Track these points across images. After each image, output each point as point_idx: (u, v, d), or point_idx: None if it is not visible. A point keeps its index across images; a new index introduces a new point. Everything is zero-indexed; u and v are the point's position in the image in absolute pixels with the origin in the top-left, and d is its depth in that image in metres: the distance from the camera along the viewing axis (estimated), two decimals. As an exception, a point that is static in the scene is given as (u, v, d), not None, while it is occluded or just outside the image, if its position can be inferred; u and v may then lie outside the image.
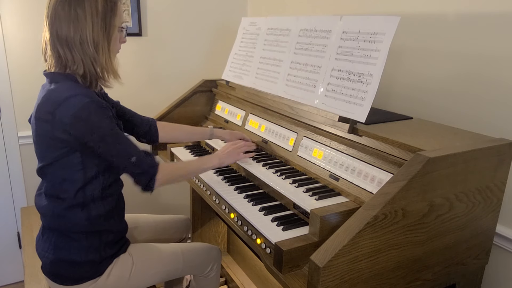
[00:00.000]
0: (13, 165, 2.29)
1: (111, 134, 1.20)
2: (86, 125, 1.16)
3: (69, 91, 1.17)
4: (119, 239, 1.39)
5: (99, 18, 1.20)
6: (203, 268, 1.60)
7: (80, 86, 1.22)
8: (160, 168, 1.29)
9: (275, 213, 1.26)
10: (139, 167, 1.25)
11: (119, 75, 1.31)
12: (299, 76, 1.54)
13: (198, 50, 2.63)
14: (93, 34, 1.20)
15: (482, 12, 1.40)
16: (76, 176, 1.24)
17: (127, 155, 1.23)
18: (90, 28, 1.19)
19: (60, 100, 1.15)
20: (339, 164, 1.33)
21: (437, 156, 0.99)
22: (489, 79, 1.40)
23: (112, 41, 1.26)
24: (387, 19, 1.25)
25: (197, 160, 1.44)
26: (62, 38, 1.19)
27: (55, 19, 1.18)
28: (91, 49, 1.21)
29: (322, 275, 0.89)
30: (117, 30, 1.26)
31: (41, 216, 1.33)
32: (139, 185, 1.29)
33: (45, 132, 1.20)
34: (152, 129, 1.62)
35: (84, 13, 1.18)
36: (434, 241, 1.10)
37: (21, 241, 2.37)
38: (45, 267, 1.33)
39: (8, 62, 2.16)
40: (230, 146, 1.47)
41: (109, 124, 1.20)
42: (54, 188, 1.28)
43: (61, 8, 1.18)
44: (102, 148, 1.20)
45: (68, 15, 1.18)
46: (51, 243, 1.30)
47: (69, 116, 1.14)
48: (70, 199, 1.26)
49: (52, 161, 1.24)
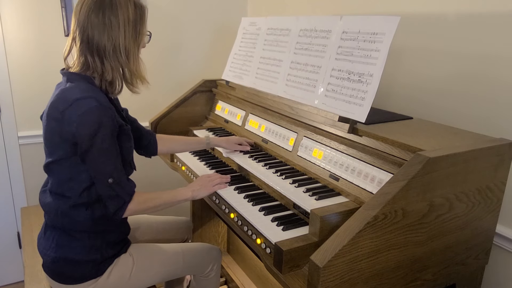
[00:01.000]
0: (13, 165, 2.29)
1: (99, 148, 1.18)
2: (87, 127, 1.16)
3: (82, 92, 1.18)
4: (121, 240, 1.39)
5: (130, 26, 1.23)
6: (203, 268, 1.60)
7: (94, 88, 1.22)
8: (135, 197, 1.28)
9: (275, 213, 1.26)
10: (114, 190, 1.23)
11: (147, 80, 1.34)
12: (299, 76, 1.54)
13: (198, 50, 2.63)
14: (125, 41, 1.23)
15: (482, 12, 1.40)
16: (82, 176, 1.25)
17: (106, 174, 1.21)
18: (122, 36, 1.22)
19: (71, 100, 1.16)
20: (339, 164, 1.33)
21: (437, 156, 0.99)
22: (489, 79, 1.40)
23: (140, 48, 1.30)
24: (387, 19, 1.25)
25: (170, 192, 1.39)
26: (94, 46, 1.21)
27: (87, 26, 1.20)
28: (123, 56, 1.24)
29: (322, 275, 0.89)
30: (144, 37, 1.30)
31: (45, 214, 1.33)
32: (108, 209, 1.25)
33: (54, 130, 1.21)
34: (152, 143, 1.61)
35: (118, 21, 1.20)
36: (434, 241, 1.10)
37: (21, 241, 2.37)
38: (46, 265, 1.33)
39: (8, 62, 2.16)
40: (205, 178, 1.45)
41: (106, 134, 1.18)
42: (60, 185, 1.28)
43: (94, 16, 1.19)
44: (86, 159, 1.20)
45: (102, 23, 1.19)
46: (53, 241, 1.31)
47: (75, 117, 1.15)
48: (75, 198, 1.26)
49: (59, 158, 1.24)
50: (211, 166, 1.66)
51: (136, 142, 1.58)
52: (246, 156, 1.61)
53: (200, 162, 1.72)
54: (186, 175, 1.74)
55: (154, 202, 1.34)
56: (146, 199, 1.32)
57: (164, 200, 1.36)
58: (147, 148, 1.62)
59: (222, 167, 1.65)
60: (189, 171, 1.70)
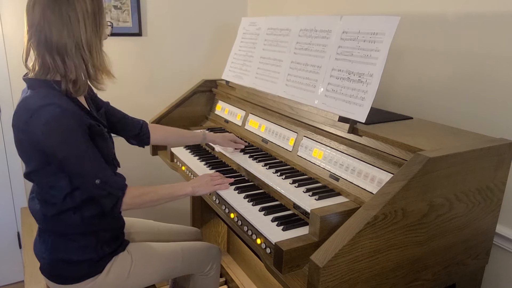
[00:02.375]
0: (13, 165, 2.29)
1: (75, 154, 1.14)
2: (56, 136, 1.11)
3: (44, 99, 1.12)
4: (116, 237, 1.38)
5: (90, 19, 1.16)
6: (202, 267, 1.60)
7: (56, 94, 1.15)
8: (128, 191, 1.24)
9: (275, 213, 1.26)
10: (104, 189, 1.19)
11: (112, 74, 1.27)
12: (299, 76, 1.54)
13: (198, 50, 2.63)
14: (86, 36, 1.16)
15: (482, 12, 1.40)
16: (62, 183, 1.22)
17: (91, 176, 1.17)
18: (83, 31, 1.15)
19: (32, 109, 1.11)
20: (339, 164, 1.33)
21: (437, 156, 0.99)
22: (489, 79, 1.40)
23: (102, 40, 1.23)
24: (387, 19, 1.25)
25: (169, 187, 1.36)
26: (53, 45, 1.13)
27: (43, 24, 1.11)
28: (86, 52, 1.17)
29: (322, 275, 0.89)
30: (105, 28, 1.23)
31: (36, 219, 1.33)
32: (105, 208, 1.23)
33: (23, 141, 1.18)
34: (143, 131, 1.58)
35: (76, 15, 1.13)
36: (434, 241, 1.10)
37: (21, 241, 2.37)
38: (44, 269, 1.33)
39: (8, 62, 2.16)
40: (207, 177, 1.43)
41: (78, 139, 1.14)
42: (43, 193, 1.26)
43: (51, 12, 1.11)
44: (65, 167, 1.16)
45: (59, 19, 1.11)
46: (48, 244, 1.30)
47: (40, 126, 1.10)
48: (59, 204, 1.24)
49: (35, 168, 1.21)
50: (211, 166, 1.66)
51: (123, 133, 1.56)
52: (246, 156, 1.61)
53: (200, 162, 1.72)
54: (186, 175, 1.74)
55: (150, 196, 1.31)
56: (142, 193, 1.29)
57: (161, 194, 1.33)
58: (138, 137, 1.58)
59: (222, 167, 1.65)
60: (189, 171, 1.70)
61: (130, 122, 1.56)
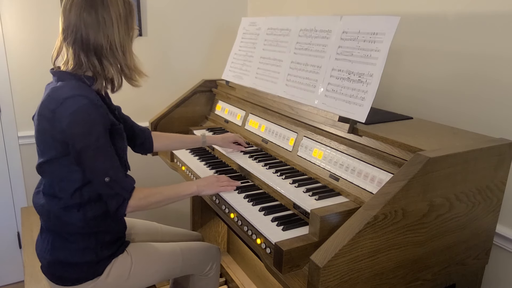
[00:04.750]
0: (13, 165, 2.29)
1: (94, 147, 1.17)
2: (80, 126, 1.15)
3: (71, 90, 1.17)
4: (116, 240, 1.38)
5: (122, 21, 1.23)
6: (202, 267, 1.60)
7: (85, 86, 1.21)
8: (135, 193, 1.26)
9: (275, 213, 1.26)
10: (112, 188, 1.21)
11: (144, 73, 1.34)
12: (299, 76, 1.54)
13: (198, 50, 2.63)
14: (119, 37, 1.23)
15: (482, 12, 1.40)
16: (74, 176, 1.24)
17: (102, 173, 1.19)
18: (117, 33, 1.22)
19: (61, 99, 1.15)
20: (339, 164, 1.33)
21: (437, 156, 0.99)
22: (489, 79, 1.40)
23: (132, 42, 1.30)
24: (387, 19, 1.25)
25: (174, 187, 1.37)
26: (89, 45, 1.20)
27: (80, 26, 1.18)
28: (119, 53, 1.24)
29: (322, 275, 0.89)
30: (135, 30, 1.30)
31: (39, 215, 1.33)
32: (109, 208, 1.24)
33: (46, 130, 1.20)
34: (147, 141, 1.61)
35: (111, 18, 1.20)
36: (434, 241, 1.10)
37: (21, 241, 2.37)
38: (44, 268, 1.33)
39: (8, 62, 2.15)
40: (213, 178, 1.44)
41: (99, 132, 1.17)
42: (52, 186, 1.27)
43: (87, 14, 1.18)
44: (81, 158, 1.18)
45: (95, 21, 1.19)
46: (48, 243, 1.30)
47: (66, 115, 1.14)
48: (67, 199, 1.25)
49: (51, 158, 1.23)
50: (211, 166, 1.66)
51: (130, 141, 1.57)
52: (246, 156, 1.61)
53: (200, 162, 1.72)
54: (186, 175, 1.74)
55: (156, 197, 1.32)
56: (147, 195, 1.30)
57: (166, 195, 1.35)
58: (143, 146, 1.61)
59: (222, 167, 1.65)
60: (189, 171, 1.70)
61: (137, 131, 1.58)
